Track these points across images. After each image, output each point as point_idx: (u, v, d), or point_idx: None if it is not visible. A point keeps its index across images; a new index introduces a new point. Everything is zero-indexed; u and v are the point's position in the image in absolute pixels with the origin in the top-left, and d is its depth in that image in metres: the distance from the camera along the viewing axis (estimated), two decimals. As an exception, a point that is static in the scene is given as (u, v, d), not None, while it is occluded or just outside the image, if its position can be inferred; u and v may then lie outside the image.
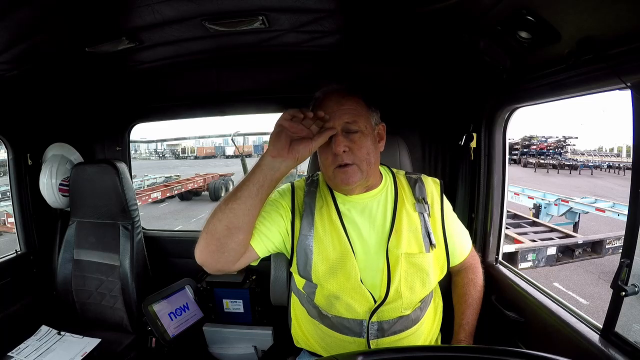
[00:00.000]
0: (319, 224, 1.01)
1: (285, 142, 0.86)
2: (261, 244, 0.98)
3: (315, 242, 1.00)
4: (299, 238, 1.02)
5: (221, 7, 1.02)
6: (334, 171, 0.97)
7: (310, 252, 1.00)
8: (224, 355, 1.76)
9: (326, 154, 0.97)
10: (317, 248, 1.00)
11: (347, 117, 0.96)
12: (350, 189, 1.01)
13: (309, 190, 1.07)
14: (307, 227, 1.01)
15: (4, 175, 2.02)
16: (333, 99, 0.97)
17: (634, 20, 0.72)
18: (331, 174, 0.98)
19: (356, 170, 0.96)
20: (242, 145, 5.29)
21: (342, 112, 0.95)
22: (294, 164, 0.88)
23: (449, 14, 1.00)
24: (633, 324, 0.84)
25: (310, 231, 1.01)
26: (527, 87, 1.16)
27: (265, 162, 0.87)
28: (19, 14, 0.95)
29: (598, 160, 24.34)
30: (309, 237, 1.01)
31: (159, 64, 1.51)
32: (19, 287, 1.71)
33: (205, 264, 0.92)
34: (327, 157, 0.97)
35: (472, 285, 1.14)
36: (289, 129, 0.85)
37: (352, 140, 0.96)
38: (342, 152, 0.94)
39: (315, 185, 1.08)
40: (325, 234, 1.00)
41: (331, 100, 0.97)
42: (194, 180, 13.53)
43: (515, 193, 8.29)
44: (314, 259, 0.99)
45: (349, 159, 0.95)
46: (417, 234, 1.02)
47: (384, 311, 0.99)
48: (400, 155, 1.31)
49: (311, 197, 1.05)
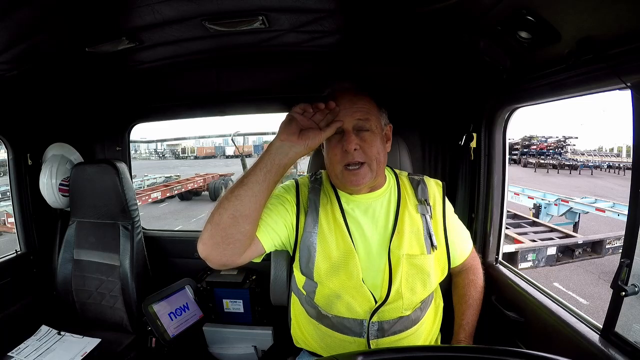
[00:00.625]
0: (324, 221, 1.01)
1: (296, 128, 0.87)
2: (267, 236, 0.96)
3: (319, 240, 1.00)
4: (303, 234, 1.01)
5: (221, 7, 1.02)
6: (342, 171, 0.97)
7: (313, 250, 1.00)
8: (224, 355, 1.76)
9: (335, 151, 0.97)
10: (320, 246, 0.99)
11: (359, 114, 0.96)
12: (358, 189, 1.01)
13: (314, 187, 1.07)
14: (312, 223, 1.01)
15: (4, 175, 2.02)
16: (346, 96, 0.98)
17: (634, 20, 0.72)
18: (339, 173, 0.98)
19: (367, 171, 0.96)
20: (242, 145, 5.29)
21: (354, 110, 0.96)
22: (304, 150, 0.87)
23: (449, 14, 1.00)
24: (633, 324, 0.84)
25: (314, 228, 1.01)
26: (527, 87, 1.16)
27: (275, 146, 0.86)
28: (19, 14, 0.95)
29: (598, 160, 24.33)
30: (313, 234, 1.00)
31: (159, 64, 1.51)
32: (19, 287, 1.71)
33: (210, 258, 0.88)
34: (335, 154, 0.97)
35: (473, 286, 1.15)
36: (300, 121, 0.87)
37: (363, 138, 0.96)
38: (353, 150, 0.94)
39: (319, 182, 1.08)
40: (329, 232, 1.00)
41: (344, 98, 0.97)
42: (194, 180, 13.52)
43: (515, 193, 8.29)
44: (317, 257, 0.99)
45: (359, 157, 0.95)
46: (418, 235, 1.02)
47: (384, 311, 0.99)
48: (400, 155, 1.31)
49: (316, 193, 1.05)
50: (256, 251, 0.95)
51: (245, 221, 0.84)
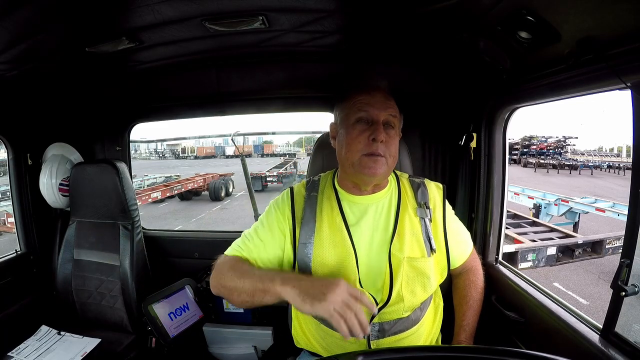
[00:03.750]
0: (320, 229, 1.02)
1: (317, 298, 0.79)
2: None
3: (315, 249, 1.00)
4: (299, 247, 1.02)
5: (221, 7, 1.02)
6: (361, 157, 0.97)
7: (309, 260, 1.00)
8: (224, 355, 1.76)
9: (359, 138, 0.97)
10: (315, 255, 1.00)
11: (391, 110, 1.00)
12: (369, 181, 1.01)
13: (310, 196, 1.07)
14: (306, 235, 1.02)
15: (4, 175, 2.02)
16: (381, 92, 1.01)
17: (634, 20, 0.72)
18: (356, 160, 0.98)
19: (384, 163, 0.97)
20: (242, 145, 5.29)
21: (387, 106, 0.99)
22: (298, 307, 0.83)
23: (449, 14, 1.00)
24: (633, 324, 0.84)
25: (309, 239, 1.01)
26: (527, 87, 1.16)
27: (275, 289, 0.85)
28: (19, 14, 0.94)
29: (598, 160, 24.35)
30: (309, 245, 1.01)
31: (159, 64, 1.51)
32: (19, 287, 1.71)
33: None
34: (359, 142, 0.97)
35: (473, 287, 1.15)
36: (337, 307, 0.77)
37: (388, 134, 0.98)
38: (380, 142, 0.95)
39: (316, 188, 1.08)
40: (327, 239, 1.01)
41: (379, 93, 1.00)
42: (194, 180, 13.54)
43: (515, 193, 8.29)
44: (313, 267, 1.00)
45: (382, 150, 0.96)
46: (418, 238, 1.02)
47: (385, 313, 0.99)
48: (401, 155, 1.30)
49: (312, 202, 1.05)
50: None
51: (244, 295, 0.93)
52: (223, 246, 1.08)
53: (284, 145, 43.72)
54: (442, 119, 1.65)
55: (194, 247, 1.95)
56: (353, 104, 1.00)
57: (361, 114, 0.98)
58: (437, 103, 1.63)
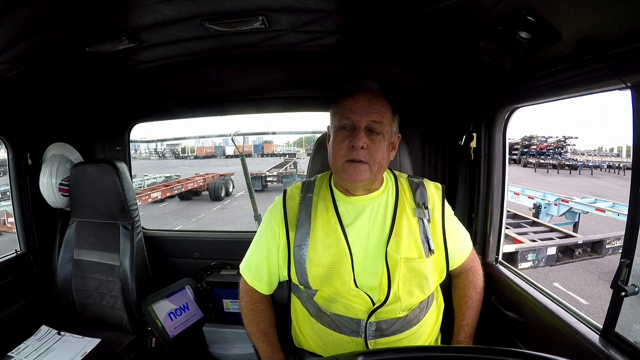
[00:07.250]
0: (315, 230, 1.02)
1: None
2: (270, 287, 1.16)
3: (310, 251, 1.01)
4: (294, 250, 1.03)
5: (221, 7, 1.02)
6: (343, 164, 0.97)
7: (304, 262, 1.01)
8: (224, 355, 1.75)
9: (341, 145, 0.97)
10: (310, 256, 1.01)
11: (375, 116, 0.97)
12: (354, 187, 1.01)
13: (305, 197, 1.08)
14: (301, 237, 1.02)
15: (4, 175, 2.02)
16: (367, 94, 0.99)
17: (634, 20, 0.72)
18: (339, 167, 0.98)
19: (366, 169, 0.96)
20: (242, 145, 5.29)
21: (371, 110, 0.97)
22: None
23: (449, 14, 1.00)
24: (633, 324, 0.84)
25: (304, 241, 1.02)
26: (527, 87, 1.16)
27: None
28: (19, 14, 0.94)
29: (598, 160, 24.35)
30: (304, 246, 1.01)
31: (159, 64, 1.51)
32: (19, 287, 1.71)
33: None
34: (341, 148, 0.97)
35: (473, 287, 1.14)
36: None
37: (372, 140, 0.96)
38: (360, 148, 0.94)
39: (311, 190, 1.09)
40: (322, 240, 1.01)
41: (364, 96, 0.98)
42: (194, 180, 13.53)
43: (515, 193, 8.30)
44: (308, 268, 1.00)
45: (364, 156, 0.95)
46: (416, 238, 1.02)
47: (382, 312, 0.99)
48: (400, 155, 1.30)
49: (307, 203, 1.06)
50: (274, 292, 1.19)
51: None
52: (223, 246, 1.09)
53: (284, 145, 43.71)
54: (442, 119, 1.65)
55: (194, 247, 1.95)
56: (339, 109, 1.00)
57: (344, 121, 0.98)
58: (437, 103, 1.63)
